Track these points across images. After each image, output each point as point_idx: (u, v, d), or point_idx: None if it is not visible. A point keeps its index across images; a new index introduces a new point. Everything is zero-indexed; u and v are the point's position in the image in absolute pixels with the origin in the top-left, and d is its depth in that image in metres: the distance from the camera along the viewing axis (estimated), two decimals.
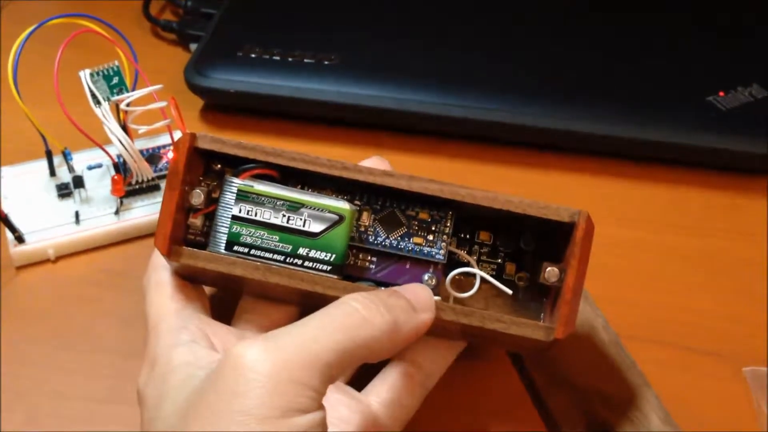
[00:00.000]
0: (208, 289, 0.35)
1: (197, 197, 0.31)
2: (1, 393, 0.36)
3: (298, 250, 0.30)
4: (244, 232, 0.30)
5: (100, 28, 0.40)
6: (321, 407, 0.26)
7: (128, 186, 0.43)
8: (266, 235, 0.30)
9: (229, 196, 0.31)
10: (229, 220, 0.30)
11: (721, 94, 0.47)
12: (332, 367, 0.26)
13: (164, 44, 0.57)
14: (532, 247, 0.33)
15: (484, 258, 0.33)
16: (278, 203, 0.30)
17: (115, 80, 0.41)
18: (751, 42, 0.51)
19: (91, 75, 0.40)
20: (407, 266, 0.32)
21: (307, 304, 0.31)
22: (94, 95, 0.40)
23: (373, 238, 0.32)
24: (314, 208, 0.30)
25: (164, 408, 0.28)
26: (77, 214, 0.42)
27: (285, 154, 0.31)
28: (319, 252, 0.30)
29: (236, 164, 0.31)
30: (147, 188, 0.43)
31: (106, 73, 0.41)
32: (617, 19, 0.53)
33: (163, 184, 0.44)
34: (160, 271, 0.33)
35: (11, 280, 0.41)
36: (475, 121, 0.47)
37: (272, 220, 0.30)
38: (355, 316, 0.28)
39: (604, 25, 0.53)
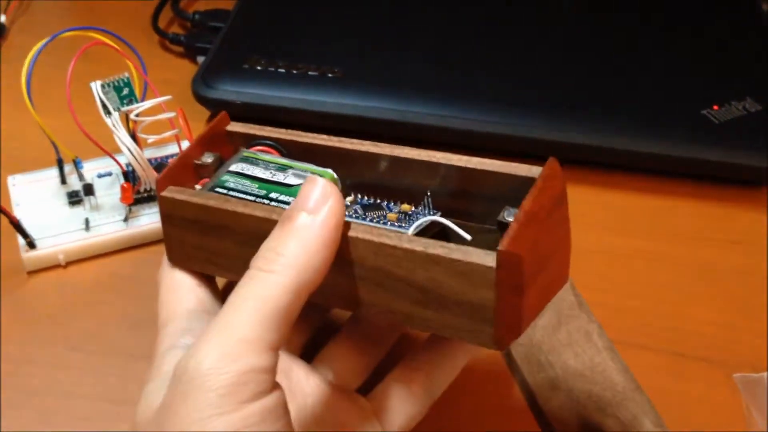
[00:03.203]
0: None
1: (208, 156, 0.33)
2: (15, 392, 0.37)
3: (270, 194, 0.31)
4: (231, 180, 0.32)
5: (111, 40, 0.41)
6: (275, 387, 0.25)
7: (137, 194, 0.44)
8: (248, 183, 0.32)
9: (234, 161, 0.33)
10: (225, 172, 0.32)
11: (715, 107, 0.48)
12: (261, 339, 0.25)
13: (172, 57, 0.58)
14: None
15: None
16: (271, 165, 0.32)
17: (125, 91, 0.42)
18: (745, 57, 0.52)
19: (102, 86, 0.41)
20: None
21: None
22: (104, 105, 0.41)
23: (350, 213, 0.32)
24: (300, 170, 0.32)
25: (141, 410, 0.28)
26: (87, 221, 0.43)
27: (292, 133, 0.34)
28: (290, 197, 0.30)
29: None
30: (155, 196, 0.44)
31: (116, 84, 0.42)
32: (613, 34, 0.54)
33: None
34: (175, 269, 0.33)
35: (23, 284, 0.42)
36: (475, 133, 0.48)
37: (259, 175, 0.32)
38: (256, 277, 0.26)
39: (601, 40, 0.54)
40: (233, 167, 0.32)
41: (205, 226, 0.32)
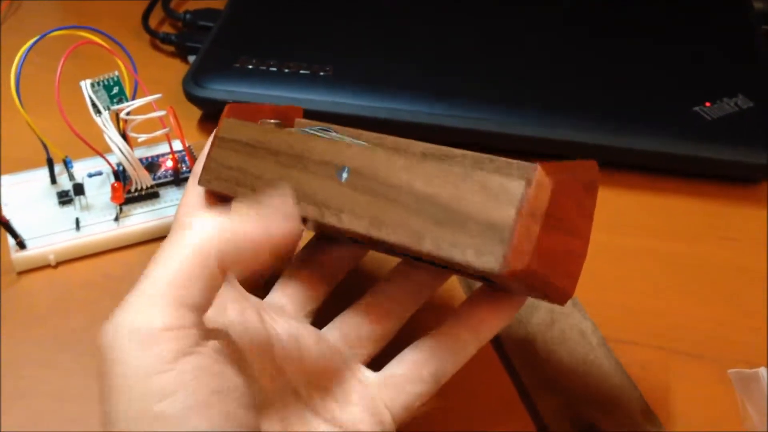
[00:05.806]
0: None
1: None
2: (3, 393, 0.37)
3: None
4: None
5: (101, 39, 0.41)
6: (196, 345, 0.25)
7: (127, 193, 0.44)
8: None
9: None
10: None
11: (707, 104, 0.48)
12: (171, 297, 0.25)
13: (163, 56, 0.58)
14: None
15: None
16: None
17: (115, 90, 0.42)
18: (737, 54, 0.52)
19: (92, 85, 0.41)
20: None
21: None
22: (94, 104, 0.41)
23: None
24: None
25: None
26: (77, 221, 0.43)
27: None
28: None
29: None
30: (146, 195, 0.44)
31: (106, 83, 0.41)
32: (605, 32, 0.54)
33: (162, 191, 0.45)
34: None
35: (12, 284, 0.41)
36: (466, 131, 0.48)
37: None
38: (173, 236, 0.26)
39: (591, 38, 0.54)
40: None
41: (255, 148, 0.33)
